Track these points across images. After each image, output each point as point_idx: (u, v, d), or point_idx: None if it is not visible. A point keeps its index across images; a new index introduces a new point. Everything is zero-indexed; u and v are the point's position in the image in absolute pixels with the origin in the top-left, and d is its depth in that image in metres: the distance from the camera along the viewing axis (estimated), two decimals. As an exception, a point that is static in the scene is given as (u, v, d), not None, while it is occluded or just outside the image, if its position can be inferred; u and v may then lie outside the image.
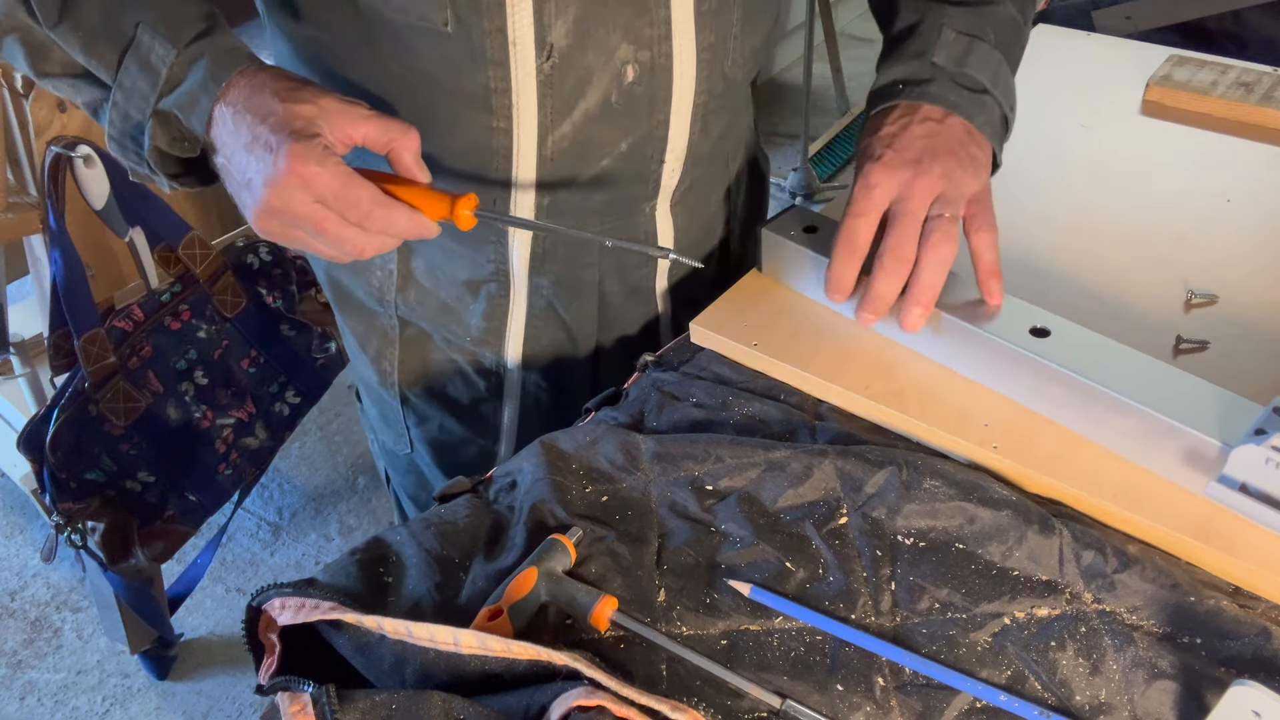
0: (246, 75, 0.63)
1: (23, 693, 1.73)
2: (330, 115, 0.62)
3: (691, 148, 0.79)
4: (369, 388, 0.98)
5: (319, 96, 0.63)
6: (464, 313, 0.87)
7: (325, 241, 0.63)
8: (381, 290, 0.88)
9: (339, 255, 0.65)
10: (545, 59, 0.69)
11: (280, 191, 0.60)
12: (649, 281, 0.87)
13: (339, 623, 0.54)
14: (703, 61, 0.74)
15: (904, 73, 0.75)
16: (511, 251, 0.82)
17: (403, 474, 1.05)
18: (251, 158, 0.62)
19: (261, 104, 0.62)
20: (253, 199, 0.62)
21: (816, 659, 0.56)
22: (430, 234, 0.65)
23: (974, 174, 0.71)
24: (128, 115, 0.66)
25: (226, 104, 0.63)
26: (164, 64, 0.64)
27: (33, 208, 1.47)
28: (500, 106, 0.71)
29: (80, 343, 1.33)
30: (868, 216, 0.70)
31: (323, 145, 0.61)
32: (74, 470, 1.37)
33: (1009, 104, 0.76)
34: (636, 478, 0.66)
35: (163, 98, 0.65)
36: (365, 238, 0.63)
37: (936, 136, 0.71)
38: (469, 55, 0.69)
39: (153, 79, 0.64)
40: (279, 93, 0.62)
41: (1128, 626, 0.57)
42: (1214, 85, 1.04)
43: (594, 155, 0.76)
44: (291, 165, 0.60)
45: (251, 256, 1.54)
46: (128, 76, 0.65)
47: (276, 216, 0.62)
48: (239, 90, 0.63)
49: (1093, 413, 0.66)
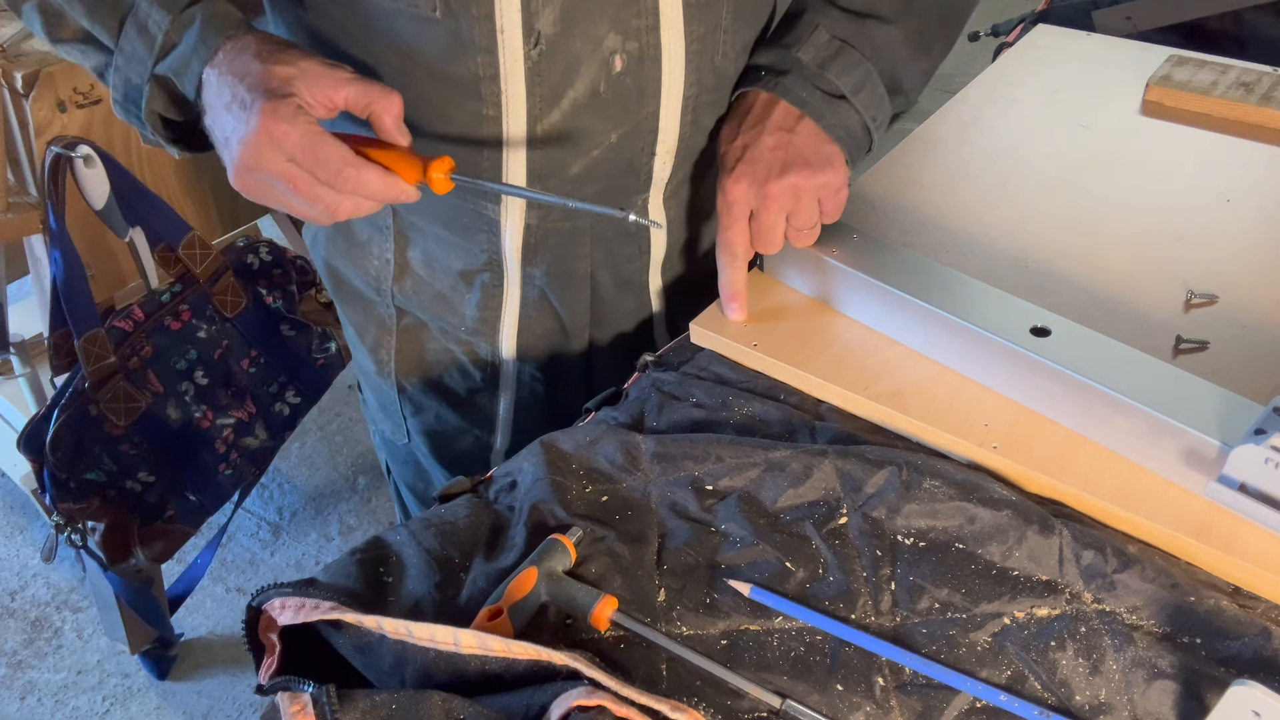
0: (235, 39, 0.65)
1: (23, 693, 1.73)
2: (310, 77, 0.63)
3: (683, 141, 0.79)
4: (368, 377, 0.99)
5: (300, 59, 0.64)
6: (459, 302, 0.87)
7: (300, 200, 0.65)
8: (379, 279, 0.89)
9: (316, 216, 0.66)
10: (533, 46, 0.70)
11: (253, 149, 0.62)
12: (641, 276, 0.88)
13: (339, 623, 0.54)
14: (692, 54, 0.74)
15: (767, 60, 0.78)
16: (504, 241, 0.82)
17: (401, 464, 1.06)
18: (229, 116, 0.64)
19: (243, 65, 0.64)
20: (230, 157, 0.64)
21: (816, 659, 0.56)
22: (407, 197, 0.66)
23: (826, 174, 0.74)
24: (128, 79, 0.69)
25: (213, 67, 0.65)
26: (159, 29, 0.66)
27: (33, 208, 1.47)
28: (489, 94, 0.72)
29: (80, 343, 1.33)
30: (736, 227, 0.76)
31: (295, 105, 0.62)
32: (74, 470, 1.37)
33: (871, 114, 0.78)
34: (636, 478, 0.66)
35: (158, 62, 0.67)
36: (337, 197, 0.64)
37: (788, 147, 0.75)
38: (458, 42, 0.70)
39: (149, 44, 0.67)
40: (260, 54, 0.64)
41: (1128, 626, 0.57)
42: (1214, 85, 1.04)
43: (584, 146, 0.76)
44: (263, 123, 0.61)
45: (251, 256, 1.54)
46: (127, 41, 0.68)
47: (251, 174, 0.64)
48: (225, 53, 0.65)
49: (1093, 412, 0.66)
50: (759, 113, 0.77)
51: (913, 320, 0.74)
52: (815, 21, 0.77)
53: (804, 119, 0.76)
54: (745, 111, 0.78)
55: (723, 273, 0.77)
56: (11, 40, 1.40)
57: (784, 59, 0.77)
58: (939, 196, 0.92)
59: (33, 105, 1.38)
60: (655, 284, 0.89)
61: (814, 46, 0.77)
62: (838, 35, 0.77)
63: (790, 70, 0.77)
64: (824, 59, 0.76)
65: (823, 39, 0.77)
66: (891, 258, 0.76)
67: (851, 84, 0.76)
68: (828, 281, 0.78)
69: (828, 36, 0.77)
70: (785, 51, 0.77)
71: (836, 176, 0.75)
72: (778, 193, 0.73)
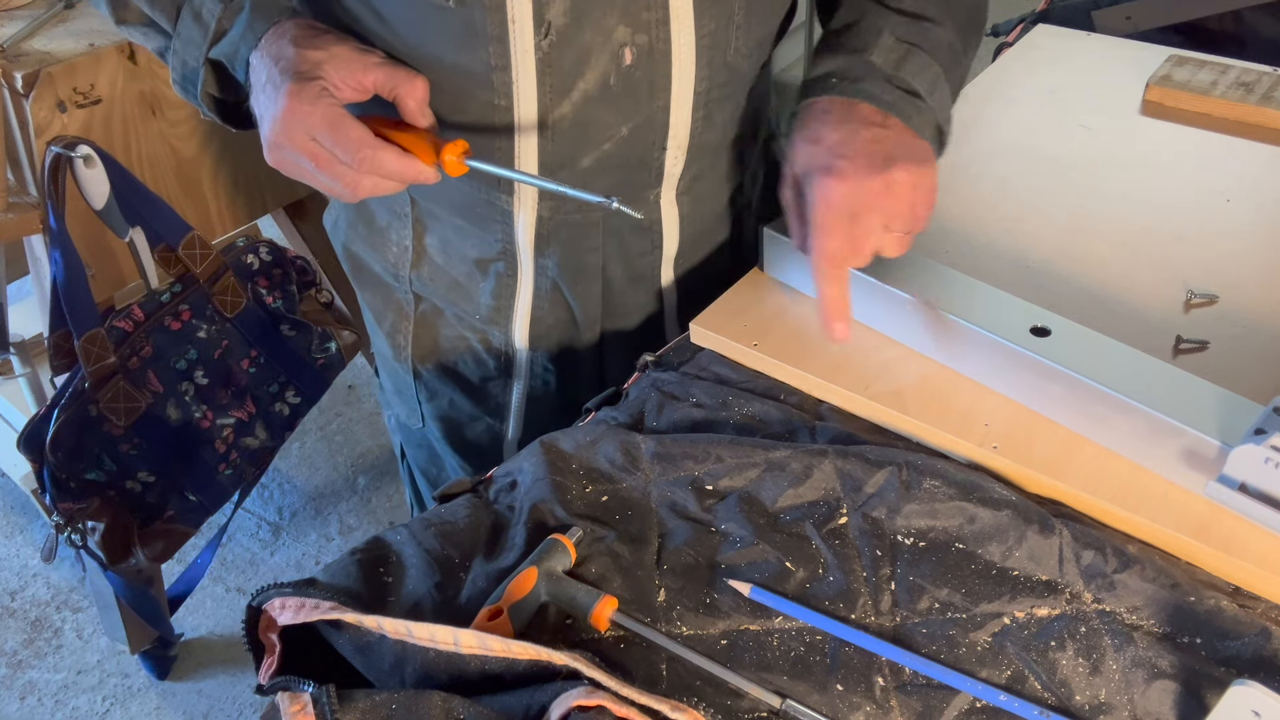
0: (278, 25, 0.69)
1: (23, 693, 1.73)
2: (339, 61, 0.67)
3: (695, 136, 0.79)
4: (384, 361, 1.01)
5: (334, 44, 0.68)
6: (474, 290, 0.88)
7: (324, 177, 0.68)
8: (397, 265, 0.91)
9: (340, 192, 0.69)
10: (544, 37, 0.70)
11: (281, 127, 0.67)
12: (653, 270, 0.88)
13: (339, 623, 0.54)
14: (703, 48, 0.74)
15: (839, 66, 0.74)
16: (517, 231, 0.83)
17: (416, 448, 1.08)
18: (264, 96, 0.68)
19: (279, 49, 0.68)
20: (263, 134, 0.69)
21: (816, 659, 0.56)
22: (424, 178, 0.69)
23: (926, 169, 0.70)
24: (185, 62, 0.74)
25: (257, 51, 0.69)
26: (212, 16, 0.72)
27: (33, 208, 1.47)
28: (500, 84, 0.73)
29: (80, 343, 1.33)
30: (839, 230, 0.68)
31: (321, 87, 0.66)
32: (74, 470, 1.37)
33: (945, 116, 0.76)
34: (636, 478, 0.66)
35: (212, 47, 0.72)
36: (356, 175, 0.68)
37: (884, 141, 0.70)
38: (470, 31, 0.70)
39: (203, 30, 0.72)
40: (296, 39, 0.68)
41: (1128, 626, 0.57)
42: (1214, 85, 1.04)
43: (595, 138, 0.76)
44: (289, 104, 0.66)
45: (251, 256, 1.54)
46: (184, 26, 0.73)
47: (280, 150, 0.68)
48: (268, 38, 0.69)
49: (1093, 412, 0.66)
50: (840, 114, 0.72)
51: (913, 320, 0.74)
52: (880, 25, 0.75)
53: (890, 117, 0.72)
54: (823, 113, 0.73)
55: (825, 286, 0.68)
56: (11, 40, 1.40)
57: (856, 63, 0.74)
58: (939, 196, 0.92)
59: (33, 105, 1.38)
60: (667, 279, 0.89)
61: (884, 49, 0.74)
62: (903, 38, 0.75)
63: (865, 74, 0.73)
64: (896, 61, 0.74)
65: (890, 42, 0.75)
66: (892, 257, 0.76)
67: (925, 85, 0.74)
68: (828, 281, 0.78)
69: (894, 39, 0.75)
70: (856, 55, 0.74)
71: (934, 174, 0.70)
72: (881, 190, 0.67)
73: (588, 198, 0.68)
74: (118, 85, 1.42)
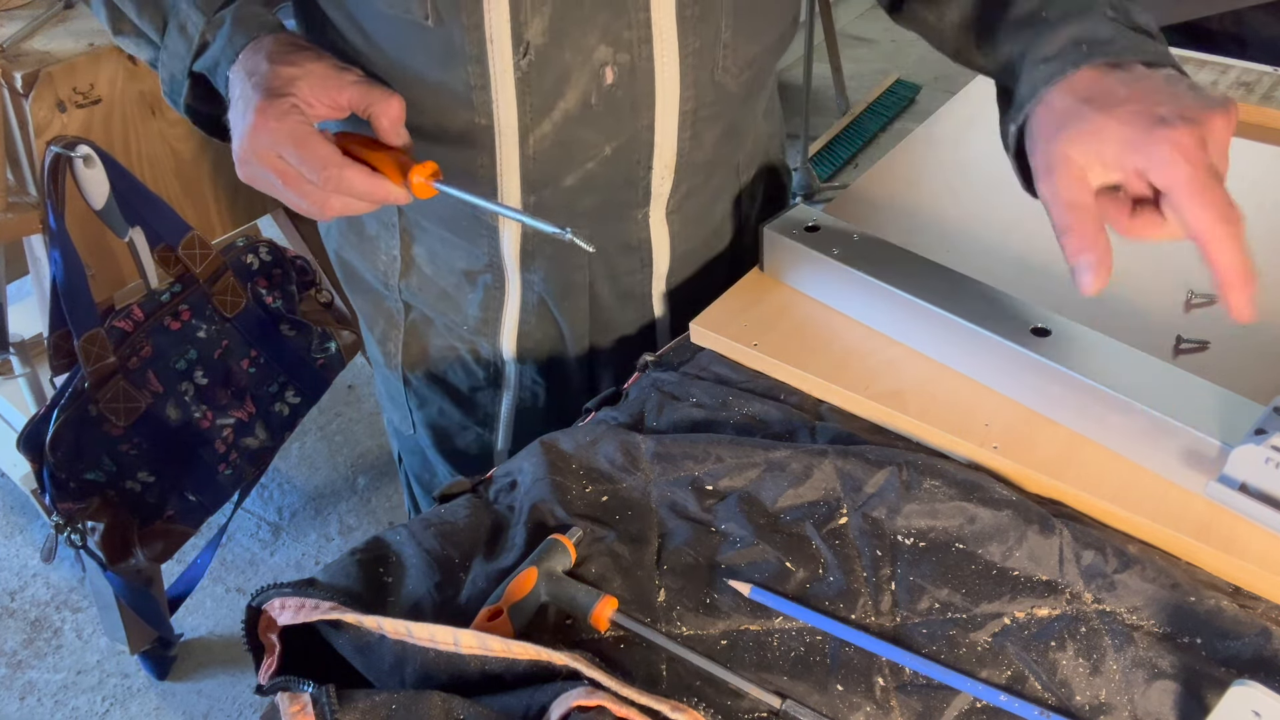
0: (257, 40, 0.69)
1: (23, 693, 1.73)
2: (314, 78, 0.66)
3: (683, 156, 0.78)
4: (378, 367, 1.01)
5: (311, 61, 0.67)
6: (462, 301, 0.88)
7: (291, 194, 0.67)
8: (386, 274, 0.91)
9: (308, 210, 0.68)
10: (522, 56, 0.70)
11: (249, 143, 0.66)
12: (643, 288, 0.87)
13: (339, 623, 0.54)
14: (688, 67, 0.73)
15: (1081, 32, 0.62)
16: (503, 246, 0.82)
17: (410, 454, 1.08)
18: (235, 112, 0.68)
19: (255, 64, 0.67)
20: (234, 149, 0.68)
21: (816, 659, 0.56)
22: (394, 198, 0.67)
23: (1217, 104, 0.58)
24: (172, 74, 0.74)
25: (236, 65, 0.69)
26: (196, 30, 0.71)
27: (33, 208, 1.47)
28: (480, 103, 0.73)
29: (80, 343, 1.33)
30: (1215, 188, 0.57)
31: (290, 104, 0.65)
32: (74, 470, 1.37)
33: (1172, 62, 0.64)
34: (636, 478, 0.66)
35: (195, 60, 0.72)
36: (324, 195, 0.66)
37: (1177, 84, 0.59)
38: (450, 50, 0.70)
39: (188, 43, 0.72)
40: (271, 55, 0.67)
41: (1128, 626, 0.57)
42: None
43: (577, 158, 0.76)
44: (256, 119, 0.65)
45: (251, 256, 1.54)
46: (170, 39, 0.73)
47: (247, 166, 0.67)
48: (246, 53, 0.69)
49: (1093, 412, 0.66)
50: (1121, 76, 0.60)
51: (913, 320, 0.74)
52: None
53: (1159, 67, 0.61)
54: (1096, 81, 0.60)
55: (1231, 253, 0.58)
56: (11, 40, 1.40)
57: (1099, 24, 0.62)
58: (939, 196, 0.92)
59: (33, 105, 1.38)
60: (659, 296, 0.89)
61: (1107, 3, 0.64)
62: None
63: (1114, 37, 0.62)
64: (1125, 12, 0.64)
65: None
66: (892, 257, 0.76)
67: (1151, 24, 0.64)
68: (828, 281, 0.78)
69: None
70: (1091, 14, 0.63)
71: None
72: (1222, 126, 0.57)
73: (542, 227, 0.65)
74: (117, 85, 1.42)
